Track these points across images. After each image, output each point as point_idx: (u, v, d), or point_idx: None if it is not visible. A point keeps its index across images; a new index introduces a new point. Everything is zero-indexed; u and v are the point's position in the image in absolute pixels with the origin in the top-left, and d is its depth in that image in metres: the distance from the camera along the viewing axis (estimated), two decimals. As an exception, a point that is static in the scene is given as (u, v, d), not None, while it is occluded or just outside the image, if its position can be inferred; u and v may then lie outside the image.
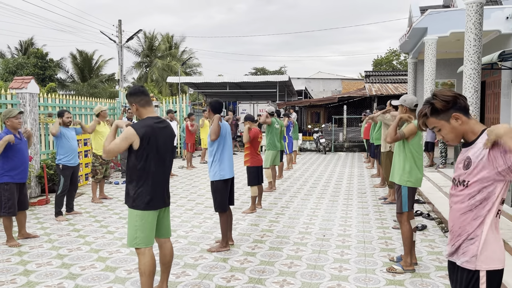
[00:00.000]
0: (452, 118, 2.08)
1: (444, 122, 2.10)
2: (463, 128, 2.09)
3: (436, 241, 5.44)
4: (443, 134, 2.13)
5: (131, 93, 3.48)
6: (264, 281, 4.12)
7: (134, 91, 3.48)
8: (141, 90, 3.51)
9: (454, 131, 2.09)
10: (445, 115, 2.09)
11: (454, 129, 2.09)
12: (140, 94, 3.46)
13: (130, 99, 3.47)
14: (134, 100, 3.45)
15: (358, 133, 19.82)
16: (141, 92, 3.48)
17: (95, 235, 5.71)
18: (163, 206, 3.50)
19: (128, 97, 3.49)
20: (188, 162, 12.99)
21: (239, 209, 7.10)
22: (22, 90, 8.29)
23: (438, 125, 2.12)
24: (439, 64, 15.38)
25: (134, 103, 3.44)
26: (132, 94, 3.46)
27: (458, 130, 2.09)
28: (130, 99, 3.47)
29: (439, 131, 2.14)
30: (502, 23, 11.76)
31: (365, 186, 9.67)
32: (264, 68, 50.79)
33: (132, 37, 24.12)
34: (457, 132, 2.09)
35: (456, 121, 2.07)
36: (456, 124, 2.08)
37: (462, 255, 2.10)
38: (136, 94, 3.45)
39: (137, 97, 3.45)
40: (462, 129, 2.09)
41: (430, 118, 2.13)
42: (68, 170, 6.69)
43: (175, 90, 33.73)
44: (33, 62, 29.52)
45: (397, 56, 43.77)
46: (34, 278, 4.22)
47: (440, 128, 2.12)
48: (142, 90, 3.51)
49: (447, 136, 2.12)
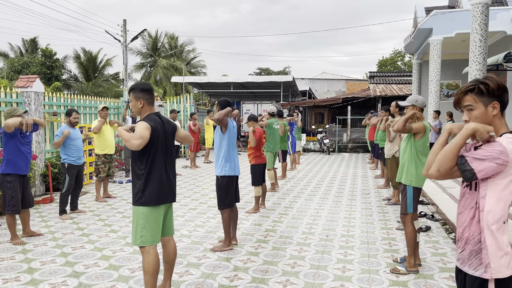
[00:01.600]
0: (491, 105, 2.02)
1: (481, 104, 2.03)
2: (493, 120, 2.04)
3: (440, 243, 5.42)
4: (472, 116, 2.05)
5: (141, 89, 3.45)
6: (267, 281, 4.12)
7: (145, 87, 3.48)
8: (151, 88, 3.55)
9: (484, 118, 2.03)
10: (487, 99, 2.02)
11: (485, 116, 2.03)
12: (150, 91, 3.50)
13: (139, 94, 3.44)
14: (143, 96, 3.45)
15: (362, 133, 19.79)
16: (151, 90, 3.52)
17: (99, 234, 5.72)
18: (168, 201, 3.50)
19: (136, 92, 3.44)
20: (191, 161, 13.01)
21: (243, 209, 7.10)
22: (27, 89, 8.33)
23: (475, 105, 2.04)
24: (444, 65, 15.33)
25: (142, 99, 3.44)
26: (144, 91, 3.45)
27: (488, 119, 2.03)
28: (139, 94, 3.44)
29: (469, 111, 2.06)
30: (508, 24, 11.71)
31: (368, 187, 9.64)
32: (268, 68, 50.81)
33: (136, 36, 24.15)
34: (485, 120, 2.03)
35: (493, 110, 2.03)
36: (490, 113, 2.03)
37: (470, 265, 2.06)
38: (147, 91, 3.47)
39: (147, 94, 3.47)
40: (491, 121, 2.04)
41: (472, 95, 2.04)
42: (74, 169, 6.72)
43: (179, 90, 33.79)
44: (41, 61, 29.61)
45: (402, 57, 43.67)
46: (38, 276, 4.24)
47: (473, 109, 2.05)
48: (152, 89, 3.56)
49: (475, 120, 2.05)
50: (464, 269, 2.10)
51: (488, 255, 2.00)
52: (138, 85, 3.50)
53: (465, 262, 2.09)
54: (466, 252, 2.08)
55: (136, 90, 3.46)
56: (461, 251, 2.12)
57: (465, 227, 2.09)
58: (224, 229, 5.09)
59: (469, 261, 2.07)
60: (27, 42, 32.98)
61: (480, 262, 2.02)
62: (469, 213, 2.07)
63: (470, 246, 2.06)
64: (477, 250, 2.04)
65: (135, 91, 3.46)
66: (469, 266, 2.07)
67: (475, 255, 2.04)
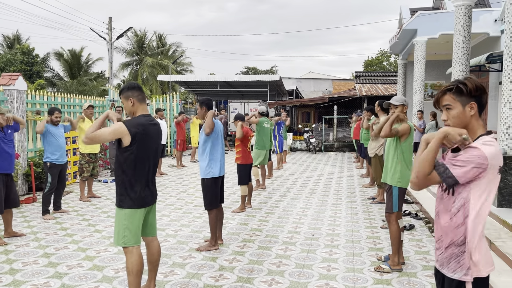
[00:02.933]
0: (469, 105, 2.06)
1: (459, 104, 2.07)
2: (470, 121, 2.07)
3: (424, 241, 5.49)
4: (450, 115, 2.10)
5: (129, 88, 3.44)
6: (252, 280, 4.12)
7: (132, 86, 3.47)
8: (138, 85, 3.54)
9: (461, 118, 2.07)
10: (465, 99, 2.06)
11: (463, 116, 2.07)
12: (138, 89, 3.48)
13: (128, 93, 3.42)
14: (132, 94, 3.42)
15: (348, 133, 19.92)
16: (139, 87, 3.50)
17: (83, 234, 5.65)
18: (150, 204, 3.49)
19: (125, 92, 3.43)
20: (178, 160, 12.94)
21: (229, 208, 7.09)
22: (10, 87, 8.18)
23: (453, 104, 2.08)
24: (429, 66, 15.54)
25: (131, 98, 3.42)
26: (131, 88, 3.44)
27: (465, 119, 2.07)
28: (128, 93, 3.42)
29: (447, 110, 2.11)
30: (491, 25, 11.92)
31: (354, 186, 9.72)
32: (255, 67, 50.80)
33: (122, 34, 23.89)
34: (463, 120, 2.07)
35: (470, 110, 2.06)
36: (468, 113, 2.06)
37: (449, 268, 2.09)
38: (134, 89, 3.45)
39: (135, 91, 3.44)
40: (468, 121, 2.08)
41: (450, 95, 2.09)
42: (56, 168, 6.63)
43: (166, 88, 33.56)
44: (20, 59, 29.10)
45: (388, 57, 44.11)
46: (20, 277, 4.17)
47: (451, 108, 2.09)
48: (139, 86, 3.54)
49: (452, 119, 2.09)
50: (443, 271, 2.14)
51: (469, 259, 2.03)
52: (125, 85, 3.51)
53: (444, 265, 2.13)
54: (446, 255, 2.11)
55: (124, 90, 3.46)
56: (440, 253, 2.15)
57: (444, 230, 2.12)
58: (211, 229, 5.08)
59: (448, 264, 2.10)
60: (9, 38, 32.31)
61: (459, 265, 2.05)
62: (448, 217, 2.10)
63: (450, 249, 2.09)
64: (457, 254, 2.06)
65: (123, 92, 3.46)
66: (447, 269, 2.11)
67: (455, 258, 2.07)
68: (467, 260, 2.03)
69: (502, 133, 6.37)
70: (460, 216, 2.05)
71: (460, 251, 2.06)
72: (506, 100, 6.29)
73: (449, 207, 2.09)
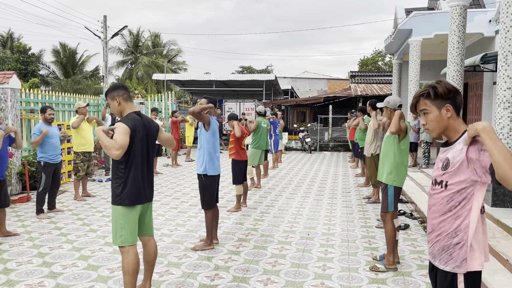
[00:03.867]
0: (444, 108, 2.11)
1: (435, 108, 2.12)
2: (449, 122, 2.12)
3: (418, 240, 5.52)
4: (428, 120, 2.15)
5: (114, 88, 3.49)
6: (248, 280, 4.12)
7: (116, 86, 3.52)
8: (123, 85, 3.57)
9: (440, 121, 2.12)
10: (440, 103, 2.12)
11: (440, 119, 2.12)
12: (122, 88, 3.51)
13: (113, 93, 3.45)
14: (117, 94, 3.44)
15: (343, 133, 19.97)
16: (123, 87, 3.53)
17: (77, 233, 5.63)
18: (146, 201, 3.48)
19: (110, 93, 3.47)
20: (173, 160, 12.91)
21: (224, 208, 7.08)
22: (4, 85, 8.12)
23: (429, 109, 2.14)
24: (423, 66, 15.60)
25: (117, 97, 3.44)
26: (115, 89, 3.48)
27: (444, 121, 2.12)
28: (113, 93, 3.45)
29: (425, 115, 2.16)
30: (485, 26, 11.98)
31: (349, 185, 9.74)
32: (250, 66, 50.81)
33: (117, 33, 23.79)
34: (441, 122, 2.12)
35: (447, 112, 2.11)
36: (444, 115, 2.11)
37: (440, 260, 2.12)
38: (118, 89, 3.48)
39: (120, 91, 3.47)
40: (447, 123, 2.12)
41: (425, 100, 2.15)
42: (50, 167, 6.59)
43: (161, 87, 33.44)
44: (15, 57, 28.88)
45: (383, 57, 44.24)
46: (14, 276, 4.14)
47: (428, 112, 2.14)
48: (124, 85, 3.57)
49: (431, 123, 2.14)
50: (435, 263, 2.17)
51: (466, 251, 2.05)
52: (110, 87, 3.56)
53: (436, 257, 2.16)
54: (438, 247, 2.14)
55: (109, 91, 3.51)
56: (432, 245, 2.19)
57: (437, 222, 2.15)
58: (207, 228, 5.07)
59: (440, 256, 2.14)
60: (3, 37, 32.05)
61: (451, 257, 2.08)
62: (444, 209, 2.12)
63: (443, 241, 2.12)
64: (449, 245, 2.09)
65: (108, 93, 3.50)
66: (439, 261, 2.14)
67: (446, 250, 2.10)
68: (461, 252, 2.06)
69: (496, 133, 6.40)
70: (460, 209, 2.07)
71: (452, 243, 2.08)
72: (500, 100, 6.33)
73: (444, 201, 2.11)
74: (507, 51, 6.13)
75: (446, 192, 2.10)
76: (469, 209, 2.05)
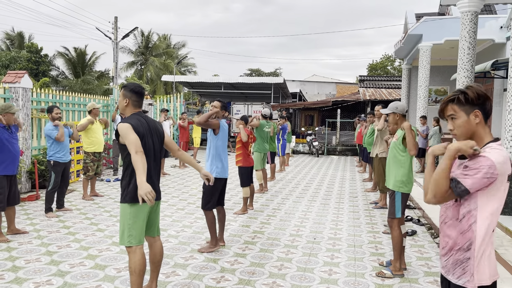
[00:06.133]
0: (473, 114, 2.06)
1: (463, 113, 2.07)
2: (476, 129, 2.07)
3: (426, 247, 5.48)
4: (455, 125, 2.10)
5: (133, 90, 3.47)
6: (254, 283, 4.12)
7: (137, 90, 3.48)
8: (142, 91, 3.53)
9: (467, 127, 2.08)
10: (469, 108, 2.07)
11: (468, 125, 2.07)
12: (140, 95, 3.50)
13: (128, 93, 3.45)
14: (131, 96, 3.45)
15: (351, 137, 19.91)
16: (141, 94, 3.51)
17: (85, 233, 5.67)
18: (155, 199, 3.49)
19: (126, 91, 3.46)
20: (180, 161, 12.96)
21: (231, 210, 7.10)
22: (15, 85, 8.22)
23: (457, 114, 2.09)
24: (433, 71, 15.51)
25: (129, 99, 3.45)
26: (133, 92, 3.46)
27: (471, 127, 2.07)
28: (128, 93, 3.45)
29: (453, 120, 2.11)
30: (496, 32, 11.89)
31: (356, 190, 9.71)
32: (259, 69, 50.79)
33: (128, 34, 24.00)
34: (468, 128, 2.08)
35: (475, 118, 2.06)
36: (473, 121, 2.07)
37: (454, 274, 2.10)
38: (136, 94, 3.47)
39: (134, 95, 3.47)
40: (474, 129, 2.08)
41: (453, 105, 2.09)
42: (60, 166, 6.65)
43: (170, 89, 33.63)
44: (27, 57, 29.18)
45: (392, 62, 44.03)
46: (22, 274, 4.19)
47: (456, 118, 2.09)
48: (142, 92, 3.54)
49: (458, 129, 2.09)
50: (448, 278, 2.14)
51: (474, 265, 2.03)
52: (130, 85, 3.53)
53: (450, 271, 2.13)
54: (451, 261, 2.12)
55: (126, 88, 3.50)
56: (446, 259, 2.16)
57: (450, 236, 2.12)
58: (209, 230, 5.08)
59: (453, 270, 2.11)
60: (13, 36, 32.35)
61: (464, 271, 2.06)
62: (455, 223, 2.10)
63: (456, 255, 2.10)
64: (462, 260, 2.07)
65: (125, 89, 3.49)
66: (453, 275, 2.11)
67: (459, 264, 2.08)
68: (472, 267, 2.04)
69: (506, 140, 6.36)
70: (466, 222, 2.05)
71: (465, 257, 2.06)
72: (510, 107, 6.28)
73: (456, 214, 2.09)
74: (518, 58, 6.08)
75: (457, 204, 2.09)
76: (475, 222, 2.03)
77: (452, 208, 2.13)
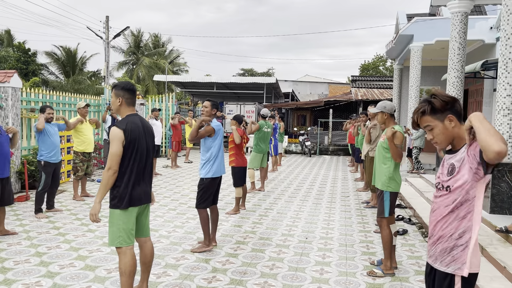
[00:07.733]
0: (447, 119, 2.11)
1: (438, 122, 2.12)
2: (454, 131, 2.12)
3: (416, 246, 5.52)
4: (434, 134, 2.15)
5: (123, 88, 3.44)
6: (245, 283, 4.11)
7: (127, 87, 3.46)
8: (134, 89, 3.52)
9: (446, 133, 2.12)
10: (441, 115, 2.11)
11: (445, 130, 2.12)
12: (131, 91, 3.48)
13: (120, 92, 3.43)
14: (123, 95, 3.43)
15: (343, 137, 19.99)
16: (133, 91, 3.49)
17: (75, 233, 5.62)
18: (144, 203, 3.48)
19: (118, 90, 3.43)
20: (172, 161, 12.91)
21: (223, 210, 7.08)
22: (5, 84, 8.13)
23: (432, 124, 2.14)
24: (424, 71, 15.63)
25: (122, 98, 3.42)
26: (125, 89, 3.44)
27: (449, 132, 2.12)
28: (120, 92, 3.43)
29: (430, 131, 2.16)
30: (486, 33, 12.02)
31: (348, 189, 9.74)
32: (252, 69, 50.79)
33: (119, 33, 23.85)
34: (448, 134, 2.12)
35: (450, 123, 2.11)
36: (449, 126, 2.11)
37: (442, 262, 2.14)
38: (128, 91, 3.45)
39: (127, 94, 3.45)
40: (453, 132, 2.12)
41: (426, 116, 2.14)
42: (50, 167, 6.59)
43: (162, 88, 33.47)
44: (17, 56, 28.89)
45: (384, 62, 44.29)
46: (11, 275, 4.14)
47: (432, 128, 2.14)
48: (134, 89, 3.52)
49: (437, 136, 2.14)
50: (435, 266, 2.18)
51: (468, 253, 2.08)
52: (121, 83, 3.50)
53: (437, 259, 2.17)
54: (439, 249, 2.16)
55: (118, 87, 3.46)
56: (433, 247, 2.20)
57: (440, 224, 2.16)
58: (203, 229, 5.06)
59: (441, 258, 2.15)
60: (1, 35, 31.95)
61: (454, 258, 2.10)
62: (447, 212, 2.13)
63: (445, 243, 2.13)
64: (452, 247, 2.11)
65: (116, 89, 3.46)
66: (440, 263, 2.15)
67: (448, 252, 2.12)
68: (465, 255, 2.08)
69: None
70: (463, 211, 2.08)
71: (455, 245, 2.10)
72: (500, 107, 6.35)
73: (448, 203, 2.12)
74: (508, 58, 6.15)
75: (451, 195, 2.11)
76: (472, 212, 2.07)
77: (442, 198, 2.16)
